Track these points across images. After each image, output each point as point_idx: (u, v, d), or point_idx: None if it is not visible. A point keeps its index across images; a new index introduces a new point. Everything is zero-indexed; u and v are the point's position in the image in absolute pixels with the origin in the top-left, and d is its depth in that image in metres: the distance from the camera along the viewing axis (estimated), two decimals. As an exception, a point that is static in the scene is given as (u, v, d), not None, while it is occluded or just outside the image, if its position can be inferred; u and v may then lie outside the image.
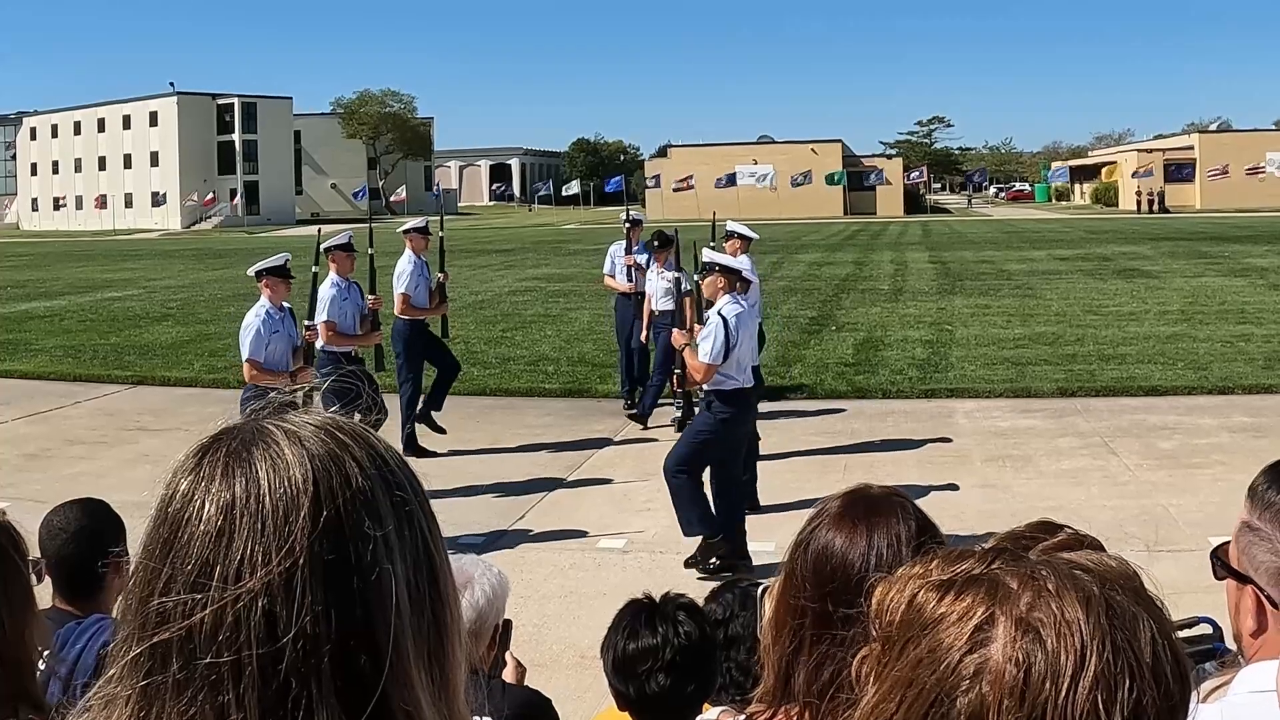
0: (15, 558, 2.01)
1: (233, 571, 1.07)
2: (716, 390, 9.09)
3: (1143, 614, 1.08)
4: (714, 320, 9.05)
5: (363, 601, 1.09)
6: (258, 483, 1.10)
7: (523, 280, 34.51)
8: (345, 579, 1.09)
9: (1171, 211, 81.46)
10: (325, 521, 1.09)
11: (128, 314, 27.46)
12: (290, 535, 1.08)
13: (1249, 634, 1.97)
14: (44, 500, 5.14)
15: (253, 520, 1.08)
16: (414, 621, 1.13)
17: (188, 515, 1.10)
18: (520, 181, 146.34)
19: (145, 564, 1.12)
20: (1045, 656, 1.03)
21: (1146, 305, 24.26)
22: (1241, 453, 11.80)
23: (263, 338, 9.93)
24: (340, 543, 1.09)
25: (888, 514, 2.05)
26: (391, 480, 1.16)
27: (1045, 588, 1.08)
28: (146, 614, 1.09)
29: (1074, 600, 1.06)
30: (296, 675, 1.06)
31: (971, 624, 1.07)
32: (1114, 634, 1.04)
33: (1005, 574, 1.11)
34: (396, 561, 1.12)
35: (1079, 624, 1.04)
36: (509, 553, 9.49)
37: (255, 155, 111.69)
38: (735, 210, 75.83)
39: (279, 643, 1.06)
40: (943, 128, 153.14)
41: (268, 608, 1.06)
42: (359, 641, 1.09)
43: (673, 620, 3.37)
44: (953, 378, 16.57)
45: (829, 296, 28.11)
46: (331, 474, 1.11)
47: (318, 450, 1.13)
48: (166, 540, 1.11)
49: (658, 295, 13.80)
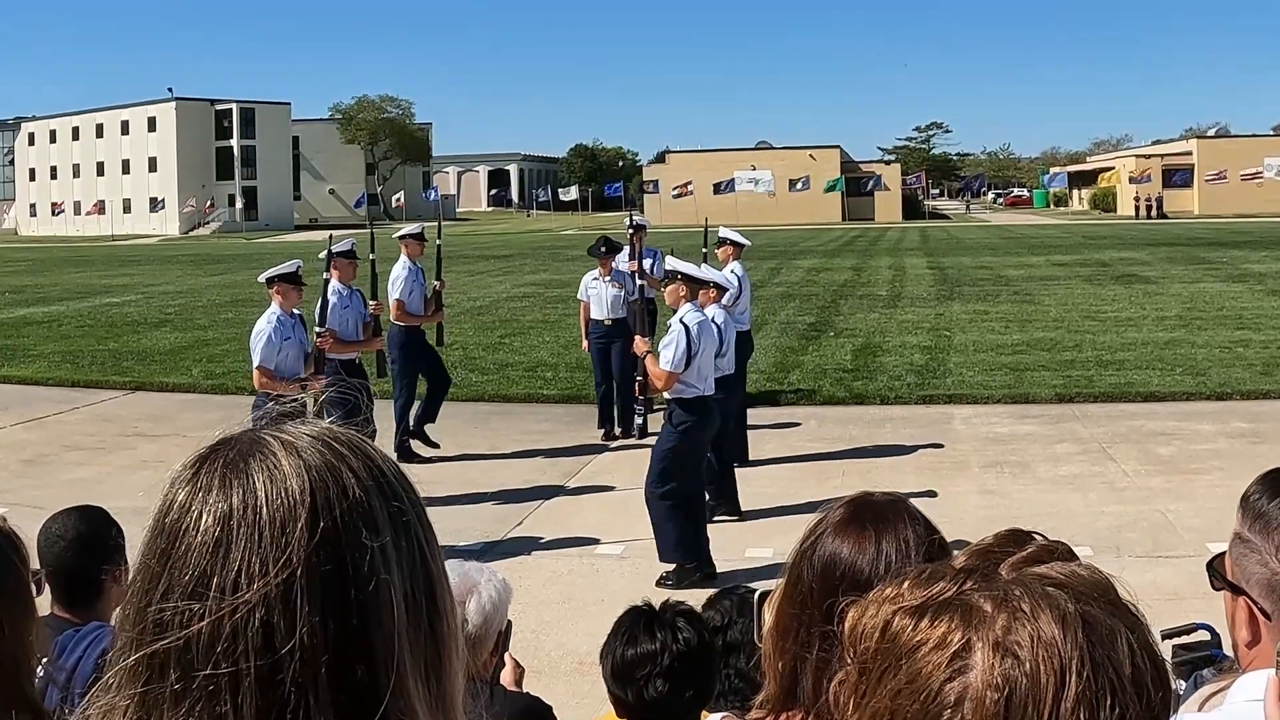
0: (16, 561, 2.01)
1: (230, 582, 1.07)
2: (677, 398, 9.14)
3: (1120, 626, 1.07)
4: (676, 328, 9.11)
5: (360, 612, 1.09)
6: (255, 493, 1.10)
7: (521, 286, 34.53)
8: (342, 590, 1.09)
9: (1170, 217, 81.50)
10: (322, 532, 1.09)
11: (126, 320, 27.46)
12: (287, 546, 1.08)
13: (1244, 644, 1.98)
14: (42, 506, 5.14)
15: (250, 531, 1.08)
16: (411, 632, 1.13)
17: (185, 525, 1.10)
18: (518, 187, 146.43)
19: (143, 574, 1.12)
20: (1025, 680, 1.03)
21: (1145, 311, 24.29)
22: (1240, 458, 11.80)
23: (274, 345, 9.90)
24: (337, 554, 1.09)
25: (894, 519, 2.05)
26: (388, 490, 1.16)
27: (1020, 609, 1.06)
28: (144, 624, 1.09)
29: (1050, 619, 1.05)
30: (294, 686, 1.06)
31: (949, 651, 1.06)
32: (1093, 651, 1.04)
33: (979, 596, 1.10)
34: (394, 572, 1.12)
35: (1056, 644, 1.04)
36: (507, 559, 9.49)
37: (253, 161, 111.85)
38: (734, 216, 75.90)
39: (277, 654, 1.06)
40: (941, 133, 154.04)
41: (265, 619, 1.06)
42: (356, 653, 1.09)
43: (672, 627, 3.38)
44: (951, 383, 16.58)
45: (827, 302, 28.12)
46: (328, 485, 1.11)
47: (315, 461, 1.13)
48: (164, 551, 1.10)
49: (605, 303, 13.71)
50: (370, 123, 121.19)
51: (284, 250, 40.87)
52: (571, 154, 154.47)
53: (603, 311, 13.71)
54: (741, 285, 12.64)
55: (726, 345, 10.55)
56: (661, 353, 9.08)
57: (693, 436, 9.18)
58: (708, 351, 9.25)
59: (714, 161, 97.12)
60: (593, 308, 13.76)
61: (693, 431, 9.16)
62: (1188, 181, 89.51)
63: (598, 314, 13.72)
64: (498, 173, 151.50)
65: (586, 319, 13.97)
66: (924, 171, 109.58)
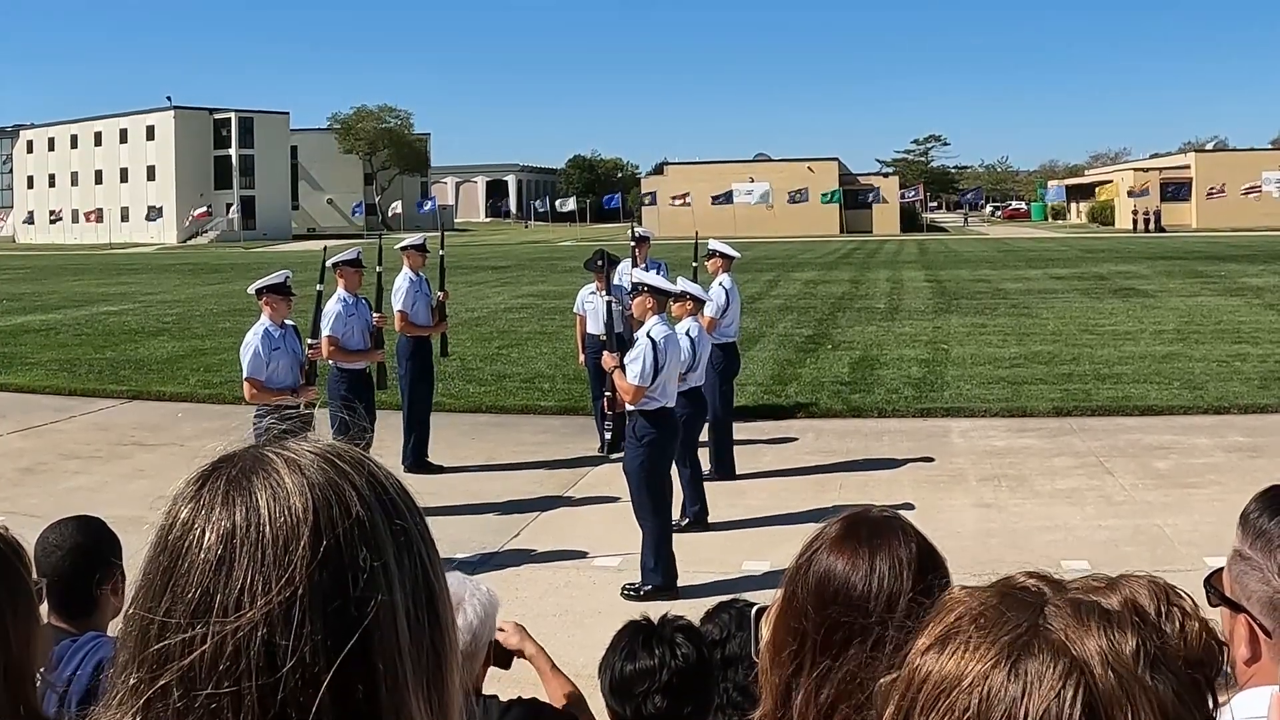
0: (19, 567, 2.01)
1: (233, 601, 1.07)
2: (640, 410, 9.20)
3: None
4: (642, 342, 9.18)
5: (362, 631, 1.09)
6: (257, 511, 1.10)
7: (518, 297, 34.55)
8: (344, 608, 1.09)
9: (1168, 230, 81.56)
10: (325, 551, 1.09)
11: (123, 328, 27.46)
12: (290, 564, 1.08)
13: (1243, 661, 1.98)
14: (39, 515, 5.13)
15: (252, 549, 1.08)
16: (413, 651, 1.13)
17: (188, 544, 1.10)
18: (516, 198, 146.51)
19: (145, 590, 1.12)
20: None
21: (1142, 325, 24.31)
22: (1237, 472, 11.82)
23: (262, 357, 9.90)
24: (339, 572, 1.09)
25: (889, 537, 2.05)
26: (391, 508, 1.16)
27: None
28: (147, 642, 1.09)
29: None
30: (295, 706, 1.06)
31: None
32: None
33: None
34: (396, 591, 1.12)
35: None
36: (503, 571, 9.49)
37: (252, 170, 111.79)
38: (731, 228, 76.21)
39: (278, 673, 1.06)
40: (939, 146, 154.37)
41: (267, 637, 1.06)
42: (357, 671, 1.09)
43: (670, 642, 3.38)
44: (948, 397, 16.59)
45: (825, 315, 28.13)
46: (331, 503, 1.11)
47: (318, 479, 1.13)
48: (167, 569, 1.10)
49: (602, 317, 13.66)
50: (369, 133, 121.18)
51: (282, 260, 40.88)
52: (570, 165, 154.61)
53: (600, 325, 13.69)
54: (730, 298, 12.66)
55: (699, 359, 10.58)
56: (628, 367, 9.15)
57: (658, 448, 9.26)
58: (673, 365, 9.34)
59: (712, 173, 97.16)
60: (589, 322, 13.73)
61: (657, 443, 9.24)
62: (1186, 195, 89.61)
63: (594, 328, 13.70)
64: (496, 183, 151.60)
65: (583, 333, 13.95)
66: (922, 184, 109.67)
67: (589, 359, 13.85)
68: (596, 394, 14.06)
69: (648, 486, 9.13)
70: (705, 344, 10.86)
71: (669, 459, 9.49)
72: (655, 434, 9.19)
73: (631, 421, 9.27)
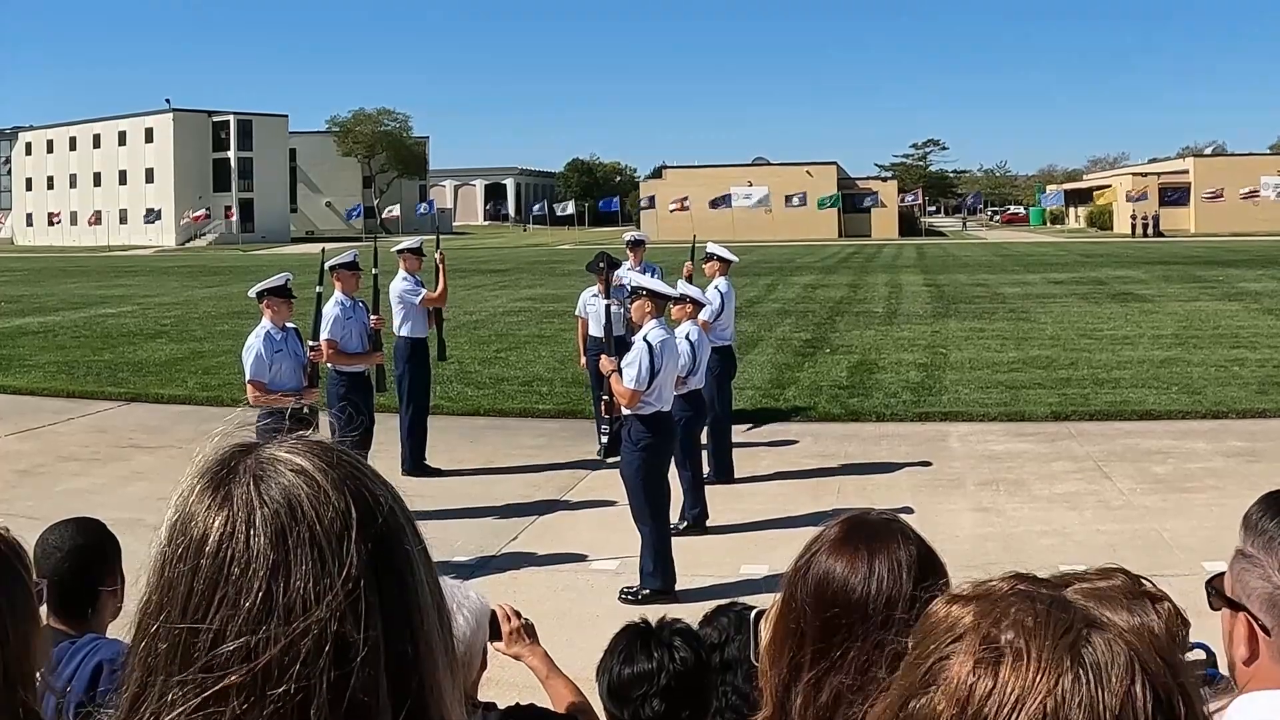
0: (20, 568, 2.01)
1: (298, 601, 1.09)
2: (636, 415, 9.18)
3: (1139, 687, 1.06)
4: (639, 346, 9.16)
5: (407, 617, 1.14)
6: (303, 511, 1.12)
7: (517, 300, 34.54)
8: (398, 594, 1.14)
9: (1166, 235, 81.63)
10: (374, 540, 1.13)
11: (122, 330, 27.45)
12: (346, 557, 1.11)
13: (1241, 662, 1.98)
14: (37, 517, 5.12)
15: (308, 550, 1.10)
16: (439, 634, 1.18)
17: (233, 551, 1.11)
18: (515, 201, 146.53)
19: (181, 602, 1.11)
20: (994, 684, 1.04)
21: (1141, 329, 24.32)
22: (1235, 477, 11.83)
23: (264, 359, 9.91)
24: (389, 560, 1.14)
25: (888, 540, 2.05)
26: (399, 500, 1.20)
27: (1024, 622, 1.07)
28: (191, 652, 1.09)
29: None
30: (363, 693, 1.09)
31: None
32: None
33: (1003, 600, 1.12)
34: (424, 577, 1.17)
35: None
36: (501, 574, 9.49)
37: (250, 173, 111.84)
38: (730, 231, 76.12)
39: (349, 666, 1.09)
40: (938, 150, 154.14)
41: (338, 633, 1.09)
42: (406, 655, 1.13)
43: (669, 646, 3.37)
44: (947, 401, 16.59)
45: (823, 319, 28.13)
46: (364, 497, 1.15)
47: (345, 474, 1.16)
48: (211, 578, 1.11)
49: (604, 320, 13.64)
50: (367, 136, 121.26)
51: (280, 262, 40.86)
52: (568, 169, 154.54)
53: (601, 328, 13.69)
54: (725, 301, 12.65)
55: (699, 362, 10.58)
56: (625, 370, 9.14)
57: (654, 452, 9.25)
58: (669, 369, 9.32)
59: (710, 177, 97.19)
60: (591, 324, 13.72)
61: (653, 447, 9.23)
62: (1184, 200, 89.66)
63: (596, 331, 13.70)
64: (494, 187, 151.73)
65: (584, 335, 13.95)
66: (921, 188, 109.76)
67: (590, 361, 13.86)
68: (597, 397, 14.07)
69: (645, 491, 9.13)
70: (705, 347, 10.86)
71: (665, 463, 9.49)
72: (651, 438, 9.19)
73: (626, 426, 9.27)
